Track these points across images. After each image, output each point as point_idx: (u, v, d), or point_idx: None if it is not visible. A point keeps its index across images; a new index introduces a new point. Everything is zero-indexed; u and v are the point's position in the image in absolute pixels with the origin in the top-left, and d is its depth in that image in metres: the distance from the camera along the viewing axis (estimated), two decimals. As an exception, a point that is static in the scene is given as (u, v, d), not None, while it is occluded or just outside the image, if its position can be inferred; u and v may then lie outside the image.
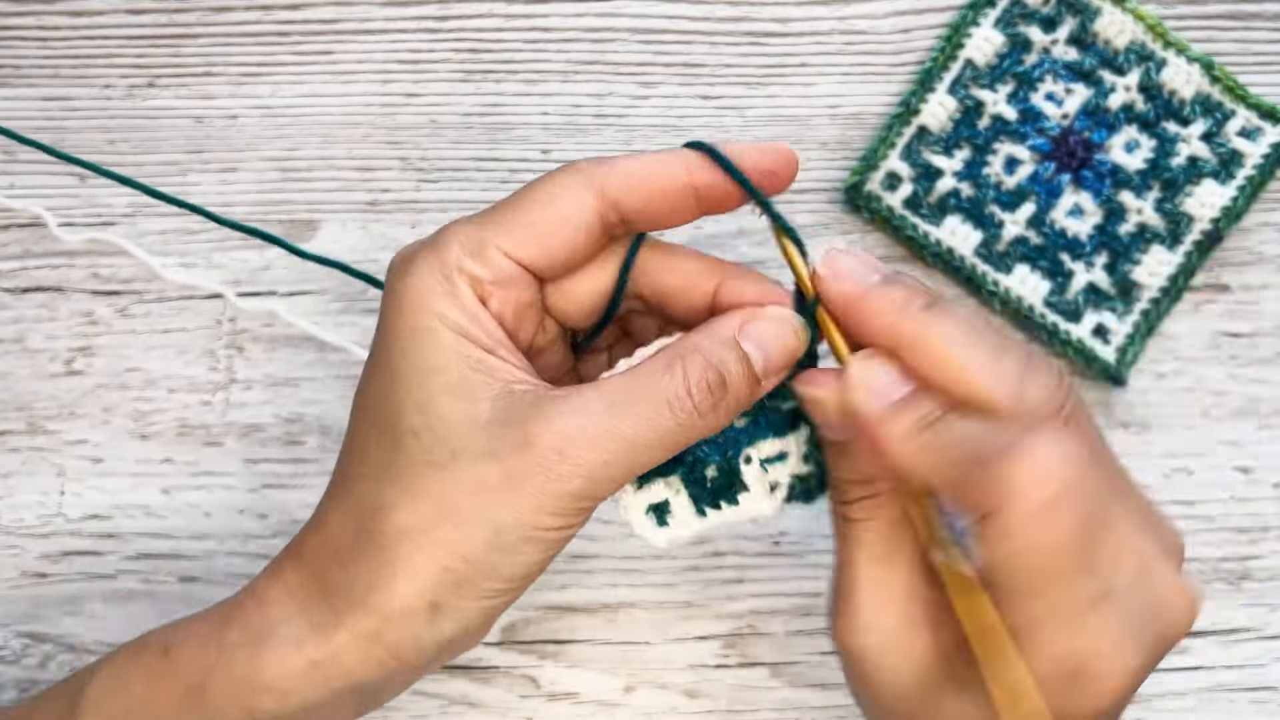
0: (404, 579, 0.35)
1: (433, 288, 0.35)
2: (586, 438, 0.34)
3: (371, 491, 0.36)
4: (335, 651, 0.35)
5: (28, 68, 0.54)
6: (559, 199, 0.36)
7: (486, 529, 0.34)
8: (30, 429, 0.52)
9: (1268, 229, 0.53)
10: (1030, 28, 0.53)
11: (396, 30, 0.54)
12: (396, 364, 0.36)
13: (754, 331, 0.36)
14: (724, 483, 0.38)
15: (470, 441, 0.34)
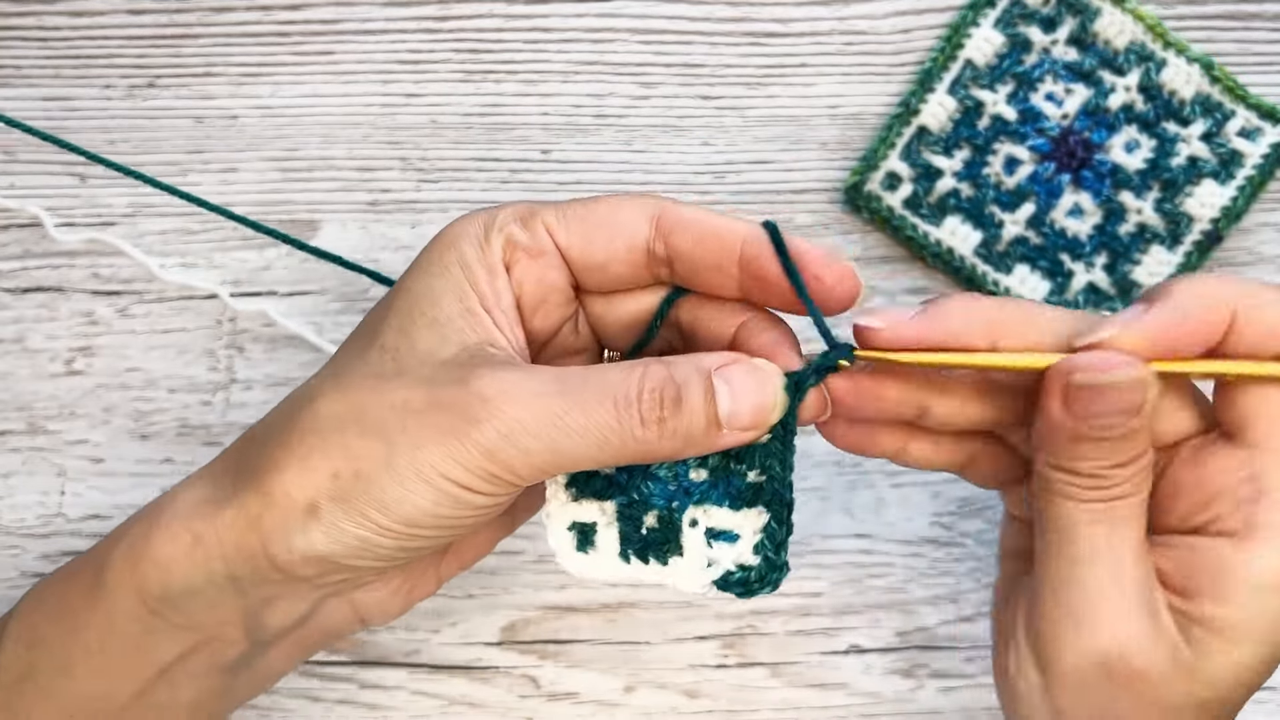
0: (295, 468, 0.34)
1: (468, 232, 0.37)
2: (517, 395, 0.33)
3: (315, 383, 0.36)
4: (216, 526, 0.35)
5: (28, 68, 0.54)
6: (620, 210, 0.37)
7: (387, 447, 0.33)
8: (30, 429, 0.52)
9: (1268, 229, 0.53)
10: (1030, 28, 0.53)
11: (397, 30, 0.54)
12: (404, 285, 0.37)
13: (732, 375, 0.34)
14: (659, 537, 0.36)
15: (418, 370, 0.34)
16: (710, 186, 0.53)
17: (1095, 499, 0.34)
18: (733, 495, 0.36)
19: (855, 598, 0.51)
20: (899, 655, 0.51)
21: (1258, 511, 0.33)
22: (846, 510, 0.52)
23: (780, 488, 0.35)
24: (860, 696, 0.51)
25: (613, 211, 0.37)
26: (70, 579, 0.39)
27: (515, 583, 0.51)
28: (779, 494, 0.35)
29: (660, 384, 0.34)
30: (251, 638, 0.38)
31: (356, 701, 0.50)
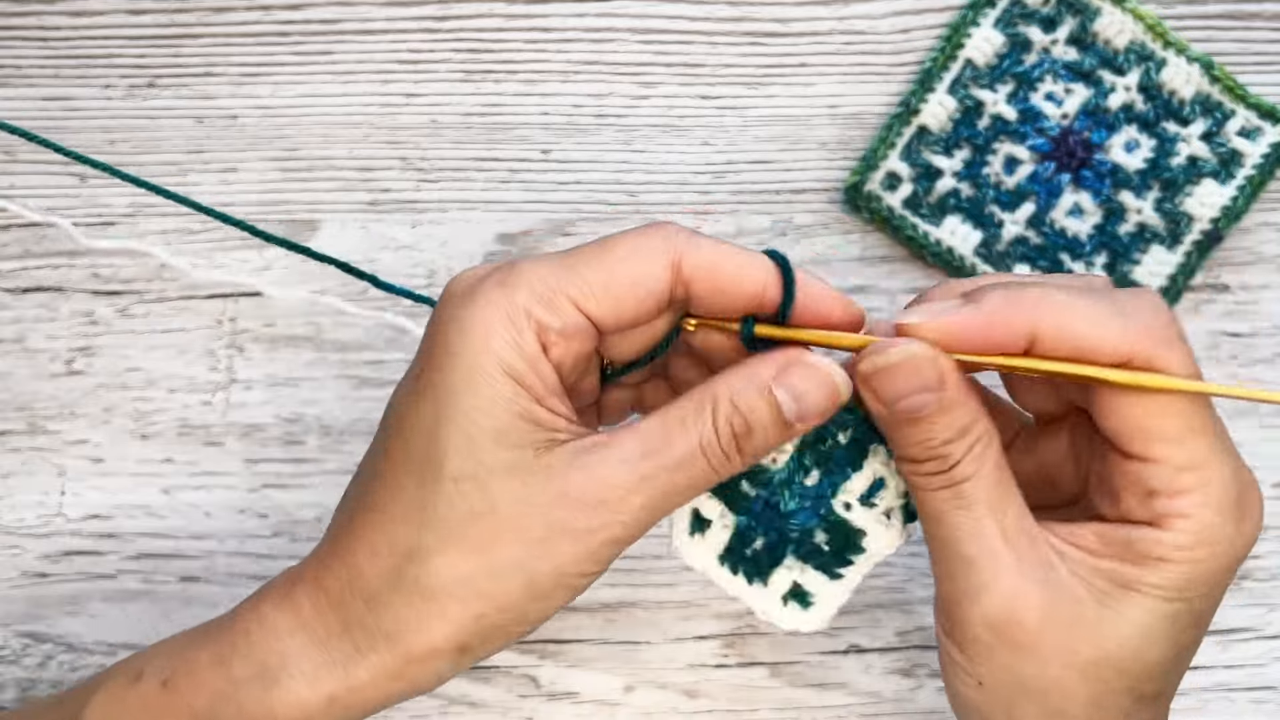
0: (438, 624, 0.35)
1: (497, 328, 0.34)
2: (625, 487, 0.34)
3: (408, 533, 0.35)
4: (355, 687, 0.36)
5: (28, 68, 0.54)
6: (639, 262, 0.35)
7: (524, 580, 0.35)
8: (31, 429, 0.52)
9: (1267, 229, 0.53)
10: (1030, 28, 0.53)
11: (397, 30, 0.54)
12: (445, 401, 0.35)
13: (789, 380, 0.35)
14: (840, 540, 0.38)
15: (511, 492, 0.34)
16: (710, 186, 0.53)
17: (941, 485, 0.35)
18: (850, 461, 0.38)
19: (855, 597, 0.51)
20: (899, 655, 0.51)
21: (1155, 506, 0.34)
22: (847, 510, 0.52)
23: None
24: (860, 696, 0.51)
25: (632, 268, 0.35)
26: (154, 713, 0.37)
27: (515, 582, 0.51)
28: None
29: (728, 417, 0.35)
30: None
31: (357, 701, 0.50)
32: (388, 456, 0.36)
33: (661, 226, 0.36)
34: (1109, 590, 0.34)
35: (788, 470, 0.37)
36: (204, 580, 0.51)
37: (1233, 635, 0.51)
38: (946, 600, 0.36)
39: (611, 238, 0.36)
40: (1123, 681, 0.35)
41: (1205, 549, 0.34)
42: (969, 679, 0.36)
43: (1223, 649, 0.51)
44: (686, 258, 0.35)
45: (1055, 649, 0.34)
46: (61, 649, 0.51)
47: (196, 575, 0.51)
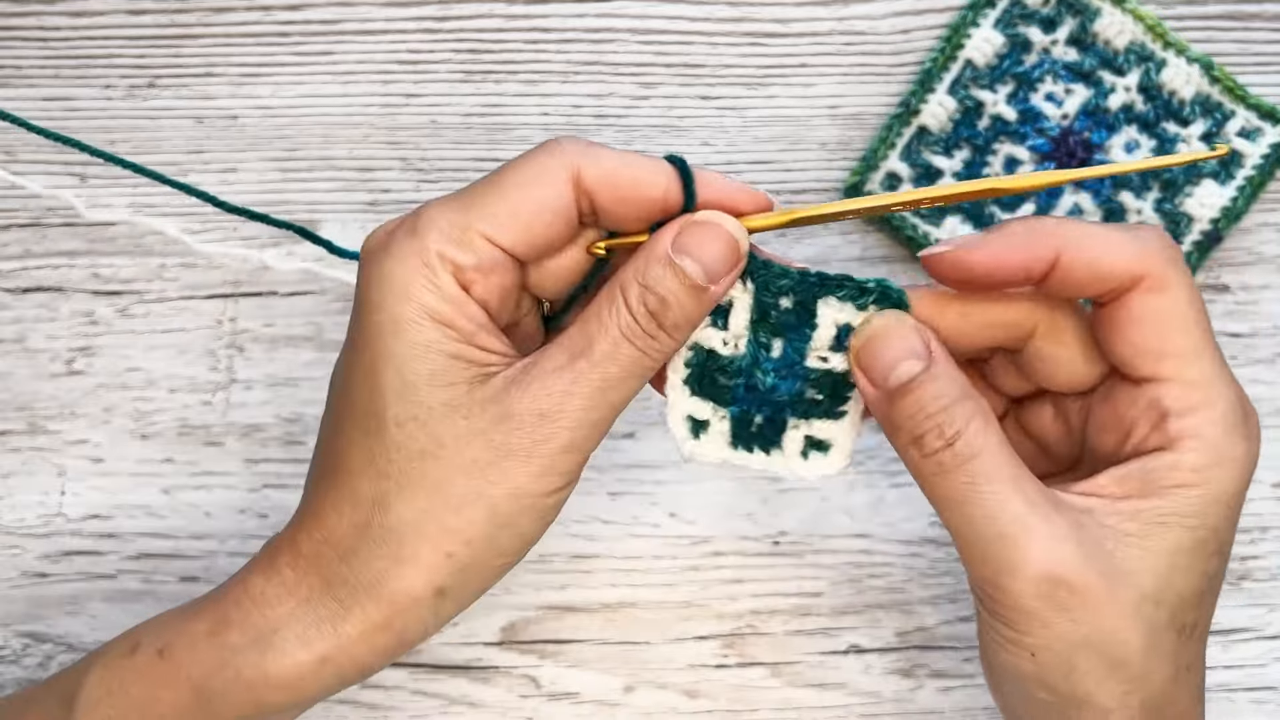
0: (410, 569, 0.36)
1: (413, 276, 0.35)
2: (560, 391, 0.35)
3: (367, 484, 0.36)
4: (344, 644, 0.36)
5: (28, 68, 0.54)
6: (540, 185, 0.36)
7: (485, 508, 0.35)
8: (31, 429, 0.52)
9: (1267, 229, 0.53)
10: (1030, 28, 0.53)
11: (397, 31, 0.54)
12: (377, 353, 0.36)
13: (685, 244, 0.36)
14: (829, 387, 0.39)
15: (454, 426, 0.35)
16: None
17: (954, 465, 0.35)
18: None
19: (855, 598, 0.51)
20: (899, 655, 0.51)
21: (1168, 428, 0.36)
22: (846, 510, 0.52)
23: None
24: (860, 696, 0.51)
25: (535, 191, 0.36)
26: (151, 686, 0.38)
27: (515, 583, 0.51)
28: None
29: (640, 297, 0.36)
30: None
31: (357, 701, 0.50)
32: (335, 415, 0.37)
33: (556, 143, 0.36)
34: (1136, 529, 0.35)
35: (749, 353, 0.38)
36: (204, 580, 0.51)
37: (1233, 635, 0.51)
38: (985, 582, 0.36)
39: (508, 164, 0.37)
40: (1163, 615, 0.35)
41: (1219, 468, 0.35)
42: (1022, 653, 0.36)
43: (1223, 649, 0.51)
44: (585, 171, 0.36)
45: (1102, 599, 0.35)
46: (61, 649, 0.51)
47: (196, 575, 0.51)
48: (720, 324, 0.38)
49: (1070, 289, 0.36)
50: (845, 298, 0.37)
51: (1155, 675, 0.36)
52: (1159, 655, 0.36)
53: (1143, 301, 0.36)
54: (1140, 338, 0.36)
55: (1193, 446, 0.35)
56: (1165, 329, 0.36)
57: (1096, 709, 0.36)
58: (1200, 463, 0.35)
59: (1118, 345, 0.36)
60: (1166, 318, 0.36)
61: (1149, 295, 0.36)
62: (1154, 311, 0.36)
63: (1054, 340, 0.38)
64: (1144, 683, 0.35)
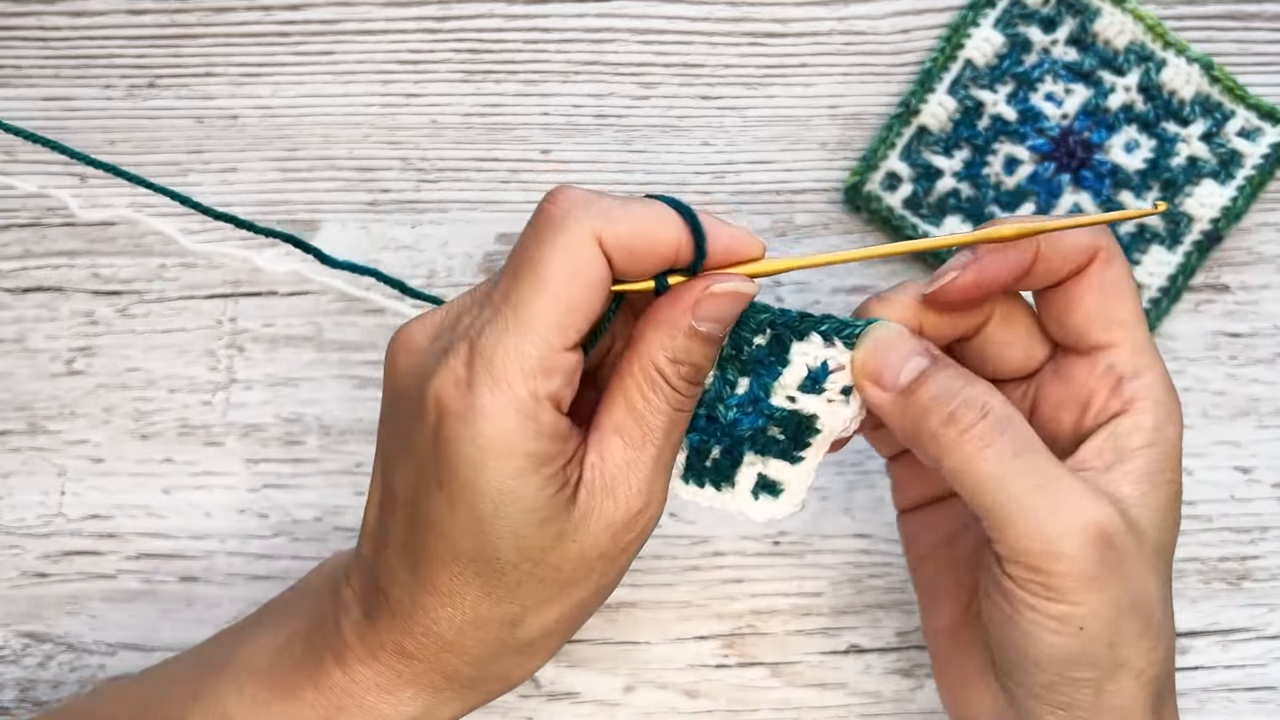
0: (536, 666, 0.40)
1: (515, 430, 0.34)
2: (643, 491, 0.37)
3: (489, 608, 0.37)
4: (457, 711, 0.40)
5: (28, 68, 0.54)
6: (581, 268, 0.34)
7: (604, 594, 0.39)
8: (31, 429, 0.52)
9: (1267, 229, 0.53)
10: (1030, 28, 0.53)
11: (397, 30, 0.54)
12: (481, 510, 0.35)
13: (708, 312, 0.36)
14: (792, 428, 0.39)
15: (566, 556, 0.36)
16: (710, 186, 0.53)
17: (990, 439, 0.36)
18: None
19: (855, 598, 0.51)
20: (899, 655, 0.51)
21: (1124, 390, 0.38)
22: (846, 510, 0.52)
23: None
24: (860, 696, 0.51)
25: (582, 277, 0.35)
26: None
27: (515, 583, 0.51)
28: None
29: (677, 371, 0.36)
30: None
31: (357, 701, 0.50)
32: (425, 549, 0.36)
33: (566, 211, 0.35)
34: (1131, 491, 0.37)
35: (714, 387, 0.38)
36: (204, 580, 0.51)
37: (1233, 635, 0.51)
38: (1034, 556, 0.35)
39: (532, 251, 0.35)
40: (1166, 566, 0.37)
41: (1170, 424, 0.38)
42: (1068, 629, 0.35)
43: (1223, 649, 0.51)
44: (605, 238, 0.35)
45: (1136, 557, 0.36)
46: (61, 649, 0.51)
47: (196, 575, 0.51)
48: None
49: (1049, 276, 0.38)
50: (828, 332, 0.37)
51: (1168, 625, 0.37)
52: (1167, 606, 0.37)
53: (1099, 273, 0.38)
54: (1096, 306, 0.38)
55: (1146, 408, 0.38)
56: (1116, 296, 0.38)
57: (1131, 671, 0.36)
58: (1157, 421, 0.37)
59: (1073, 318, 0.38)
60: (1115, 286, 0.38)
61: (1103, 266, 0.38)
62: (1107, 280, 0.38)
63: (1008, 325, 0.40)
64: (1164, 636, 0.36)
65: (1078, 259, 0.38)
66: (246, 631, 0.42)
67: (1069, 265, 0.38)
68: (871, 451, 0.52)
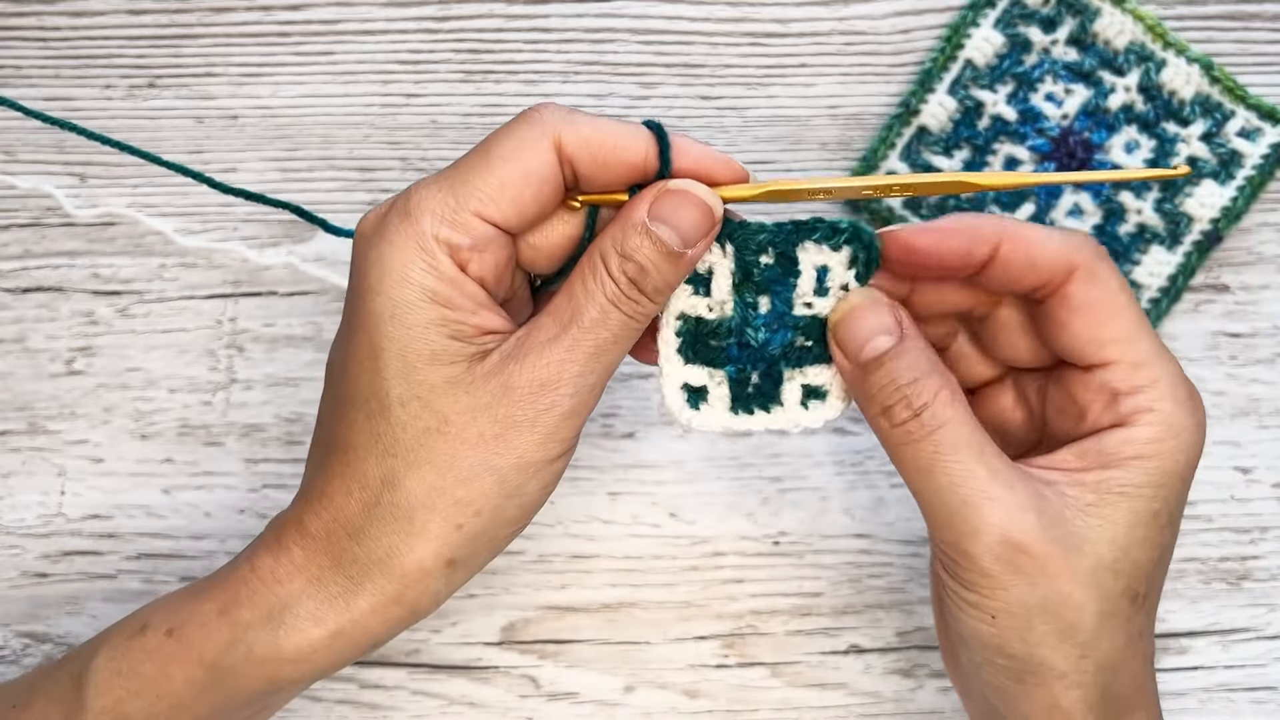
0: (421, 543, 0.37)
1: (411, 259, 0.36)
2: (557, 361, 0.36)
3: (373, 464, 0.37)
4: (357, 618, 0.37)
5: (28, 68, 0.54)
6: (525, 156, 0.37)
7: (493, 480, 0.37)
8: (31, 429, 0.52)
9: (1267, 229, 0.53)
10: (1030, 28, 0.53)
11: (397, 31, 0.54)
12: (377, 337, 0.36)
13: (661, 212, 0.37)
14: (817, 331, 0.39)
15: (457, 402, 0.36)
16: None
17: (922, 434, 0.37)
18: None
19: (855, 598, 0.51)
20: (899, 655, 0.51)
21: (1120, 407, 0.38)
22: (846, 510, 0.52)
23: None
24: (860, 696, 0.51)
25: (520, 163, 0.37)
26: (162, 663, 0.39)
27: (515, 583, 0.51)
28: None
29: (619, 266, 0.37)
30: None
31: (357, 701, 0.50)
32: (336, 398, 0.38)
33: (536, 111, 0.37)
34: (1095, 500, 0.37)
35: (738, 312, 0.39)
36: (204, 580, 0.51)
37: (1233, 635, 0.51)
38: (949, 547, 0.37)
39: (491, 137, 0.37)
40: (1119, 583, 0.37)
41: (1171, 440, 0.37)
42: (982, 615, 0.37)
43: (1223, 649, 0.51)
44: (565, 138, 0.37)
45: (1059, 566, 0.36)
46: (62, 649, 0.51)
47: (196, 575, 0.51)
48: (703, 291, 0.39)
49: (1009, 278, 0.38)
50: (820, 239, 0.38)
51: (1107, 641, 0.37)
52: (1113, 622, 0.37)
53: (1078, 291, 0.38)
54: (1081, 326, 0.38)
55: (1146, 421, 0.37)
56: (1102, 316, 0.38)
57: (1052, 672, 0.37)
58: (1153, 435, 0.37)
59: (1061, 338, 0.38)
60: (1102, 305, 0.38)
61: (1082, 285, 0.38)
62: (1090, 300, 0.38)
63: (1018, 314, 0.40)
64: (1097, 648, 0.37)
65: (1048, 273, 0.38)
66: None
67: (1036, 275, 0.38)
68: (872, 451, 0.52)
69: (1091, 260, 0.38)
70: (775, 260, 0.39)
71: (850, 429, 0.52)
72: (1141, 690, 0.38)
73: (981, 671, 0.39)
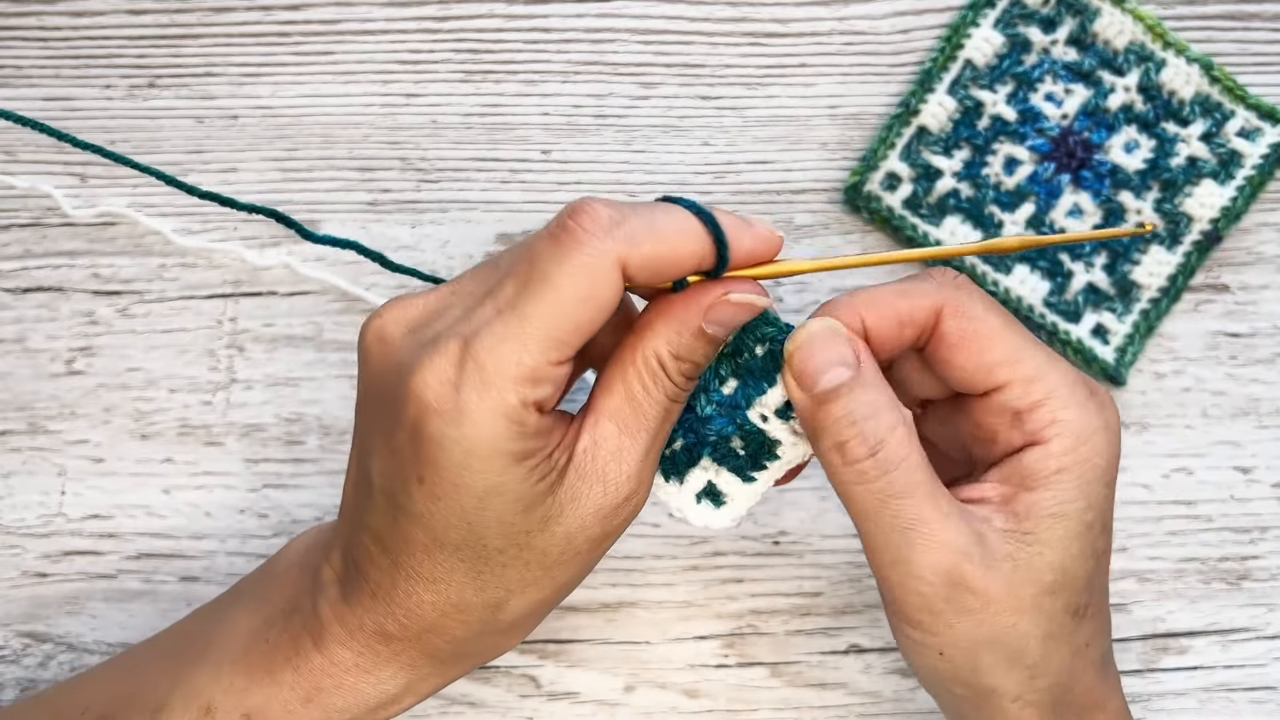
0: (521, 634, 0.40)
1: (500, 431, 0.34)
2: (632, 476, 0.37)
3: (473, 594, 0.37)
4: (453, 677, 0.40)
5: (28, 68, 0.54)
6: (598, 294, 0.34)
7: (579, 581, 0.39)
8: (31, 429, 0.52)
9: (1267, 229, 0.53)
10: (1030, 28, 0.53)
11: (397, 31, 0.54)
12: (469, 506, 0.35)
13: (719, 317, 0.37)
14: (755, 446, 0.39)
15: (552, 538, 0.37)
16: (710, 186, 0.53)
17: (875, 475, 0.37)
18: (766, 375, 0.39)
19: (855, 597, 0.51)
20: (899, 655, 0.51)
21: (1025, 424, 0.38)
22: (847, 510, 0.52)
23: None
24: (860, 696, 0.51)
25: (596, 301, 0.34)
26: None
27: (515, 583, 0.51)
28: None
29: (678, 367, 0.37)
30: None
31: (357, 701, 0.50)
32: (405, 539, 0.36)
33: (594, 235, 0.34)
34: (1030, 527, 0.37)
35: (704, 379, 0.39)
36: (204, 580, 0.51)
37: (1233, 635, 0.51)
38: (897, 586, 0.37)
39: (551, 268, 0.34)
40: (1059, 602, 0.37)
41: (1085, 445, 0.37)
42: (931, 652, 0.38)
43: (1223, 649, 0.51)
44: (629, 263, 0.34)
45: (1002, 600, 0.37)
46: (62, 649, 0.51)
47: (196, 575, 0.51)
48: None
49: (887, 346, 0.38)
50: None
51: (1055, 659, 0.38)
52: (1057, 641, 0.38)
53: (950, 328, 0.38)
54: (964, 359, 0.38)
55: (1054, 433, 0.37)
56: (981, 343, 0.38)
57: (1005, 696, 0.38)
58: (1065, 446, 0.37)
59: (951, 374, 0.39)
60: (977, 334, 0.38)
61: (952, 320, 0.38)
62: (964, 331, 0.38)
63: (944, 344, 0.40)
64: (1045, 668, 0.38)
65: (917, 326, 0.38)
66: (223, 613, 0.42)
67: (910, 332, 0.38)
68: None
69: (953, 295, 0.38)
70: (764, 356, 0.38)
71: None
72: (1094, 693, 0.39)
73: (939, 699, 0.41)
